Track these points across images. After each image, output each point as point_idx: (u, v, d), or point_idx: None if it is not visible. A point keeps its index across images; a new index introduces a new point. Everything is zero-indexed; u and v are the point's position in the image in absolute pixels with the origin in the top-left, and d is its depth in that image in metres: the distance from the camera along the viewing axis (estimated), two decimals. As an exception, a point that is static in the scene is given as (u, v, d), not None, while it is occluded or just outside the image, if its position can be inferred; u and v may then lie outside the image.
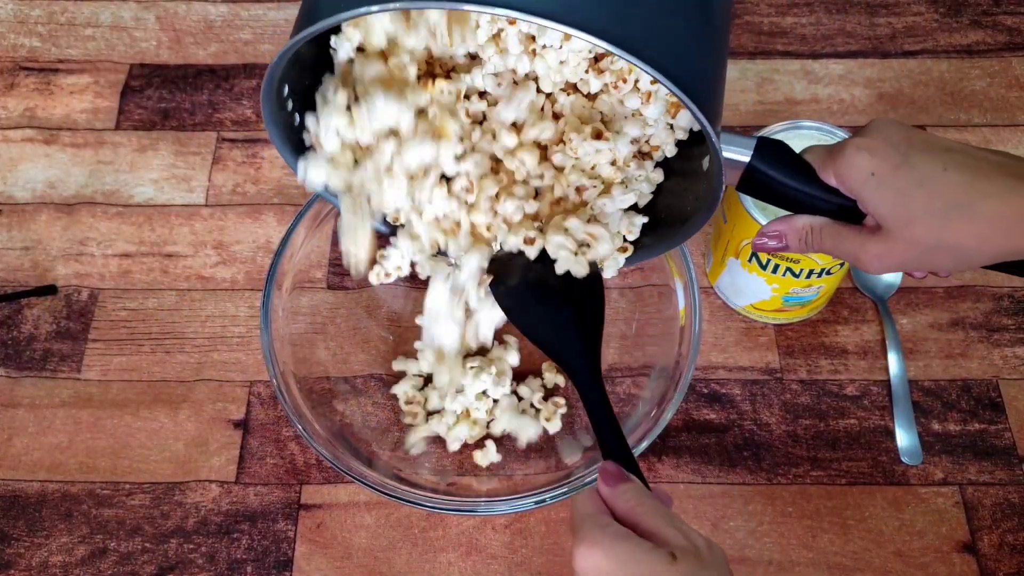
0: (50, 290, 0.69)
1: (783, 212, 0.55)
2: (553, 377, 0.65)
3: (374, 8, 0.38)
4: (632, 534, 0.38)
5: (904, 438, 0.63)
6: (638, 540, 0.38)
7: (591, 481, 0.54)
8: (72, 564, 0.59)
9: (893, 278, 0.69)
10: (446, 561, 0.59)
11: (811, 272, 0.60)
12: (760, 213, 0.58)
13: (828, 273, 0.61)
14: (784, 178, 0.45)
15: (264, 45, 0.82)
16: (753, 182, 0.45)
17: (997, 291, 0.69)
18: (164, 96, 0.79)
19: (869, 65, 0.80)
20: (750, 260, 0.62)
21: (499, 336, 0.62)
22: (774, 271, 0.61)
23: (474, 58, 0.54)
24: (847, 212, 0.45)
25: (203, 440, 0.64)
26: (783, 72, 0.80)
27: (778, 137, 0.61)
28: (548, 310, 0.52)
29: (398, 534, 0.60)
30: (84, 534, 0.60)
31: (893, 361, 0.65)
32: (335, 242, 0.68)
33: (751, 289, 0.65)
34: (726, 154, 0.44)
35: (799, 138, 0.61)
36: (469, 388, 0.61)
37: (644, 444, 0.54)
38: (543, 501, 0.54)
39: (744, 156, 0.44)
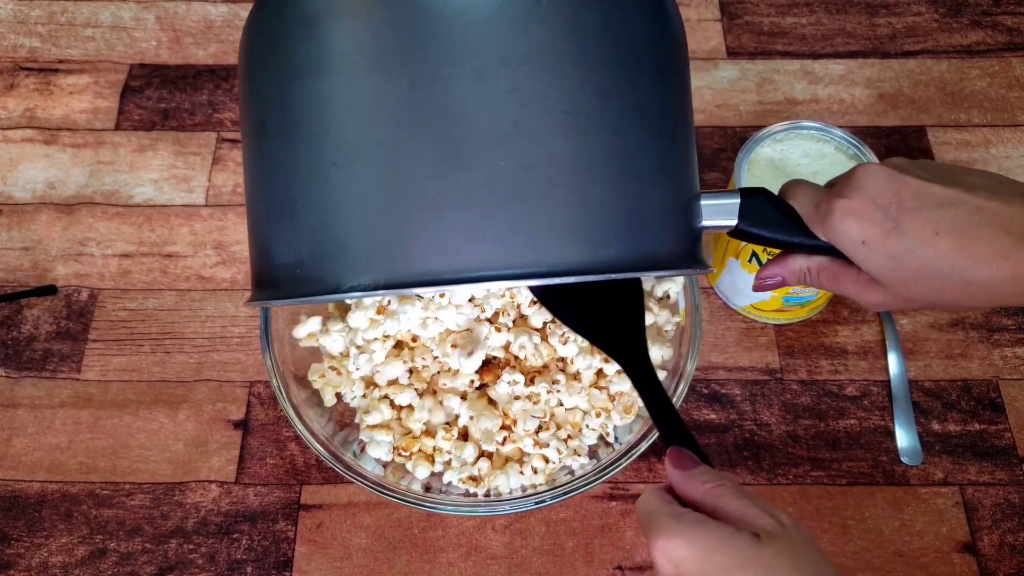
0: (50, 290, 0.69)
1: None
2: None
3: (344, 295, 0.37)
4: (711, 519, 0.37)
5: (904, 438, 0.63)
6: (719, 524, 0.36)
7: (593, 481, 0.53)
8: (72, 564, 0.59)
9: (893, 278, 0.69)
10: (446, 561, 0.59)
11: (811, 272, 0.60)
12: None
13: (828, 273, 0.61)
14: (772, 234, 0.44)
15: (264, 45, 0.82)
16: (743, 236, 0.45)
17: (997, 291, 0.69)
18: (164, 96, 0.79)
19: (869, 65, 0.80)
20: (750, 260, 0.62)
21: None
22: (774, 271, 0.61)
23: None
24: (840, 253, 0.44)
25: (203, 440, 0.64)
26: (783, 72, 0.80)
27: (779, 136, 0.61)
28: (592, 305, 0.50)
29: (398, 534, 0.60)
30: (84, 534, 0.60)
31: (893, 361, 0.65)
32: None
33: (751, 289, 0.64)
34: (708, 222, 0.43)
35: (799, 138, 0.61)
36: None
37: (644, 445, 0.54)
38: (543, 501, 0.54)
39: (729, 221, 0.43)
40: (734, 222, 0.44)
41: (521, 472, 0.56)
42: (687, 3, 0.84)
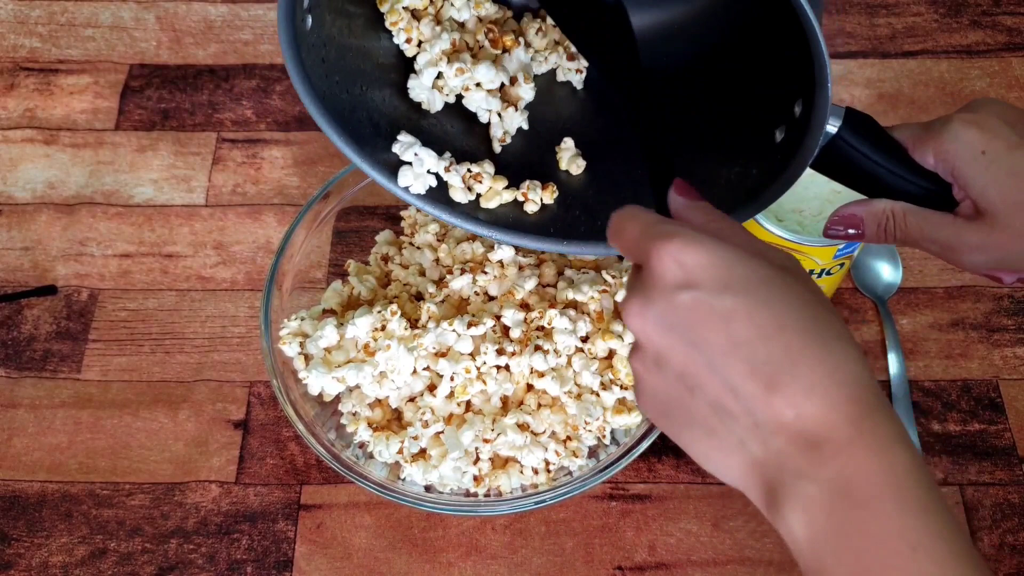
0: (50, 290, 0.69)
1: (791, 218, 0.53)
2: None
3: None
4: (727, 239, 0.33)
5: (904, 438, 0.63)
6: (735, 244, 0.33)
7: (593, 481, 0.54)
8: (72, 564, 0.59)
9: (893, 278, 0.69)
10: (446, 561, 0.59)
11: (811, 272, 0.60)
12: (765, 219, 0.57)
13: (828, 273, 0.61)
14: (872, 153, 0.40)
15: (264, 45, 0.82)
16: (835, 156, 0.40)
17: (997, 291, 0.69)
18: (164, 96, 0.79)
19: (869, 65, 0.80)
20: (750, 260, 0.62)
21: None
22: (774, 271, 0.61)
23: None
24: (936, 198, 0.40)
25: (203, 440, 0.64)
26: (783, 72, 0.80)
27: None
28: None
29: (398, 534, 0.60)
30: (84, 534, 0.60)
31: (893, 361, 0.65)
32: (335, 242, 0.68)
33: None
34: None
35: (799, 138, 0.61)
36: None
37: (644, 444, 0.54)
38: (543, 501, 0.54)
39: (832, 126, 0.40)
40: (836, 128, 0.40)
41: (521, 472, 0.57)
42: (687, 3, 0.84)
